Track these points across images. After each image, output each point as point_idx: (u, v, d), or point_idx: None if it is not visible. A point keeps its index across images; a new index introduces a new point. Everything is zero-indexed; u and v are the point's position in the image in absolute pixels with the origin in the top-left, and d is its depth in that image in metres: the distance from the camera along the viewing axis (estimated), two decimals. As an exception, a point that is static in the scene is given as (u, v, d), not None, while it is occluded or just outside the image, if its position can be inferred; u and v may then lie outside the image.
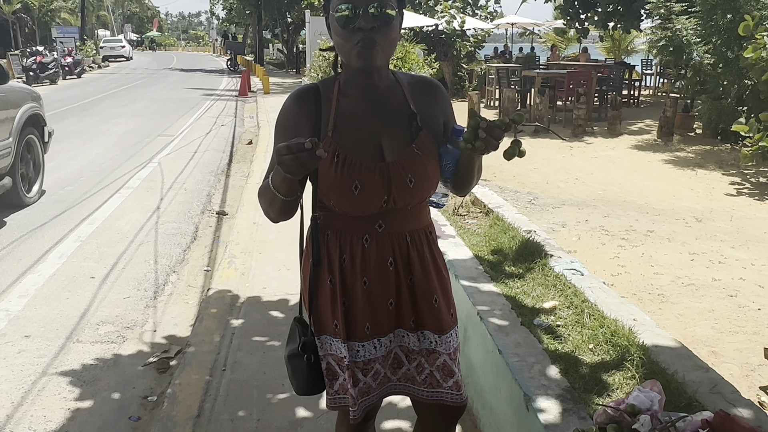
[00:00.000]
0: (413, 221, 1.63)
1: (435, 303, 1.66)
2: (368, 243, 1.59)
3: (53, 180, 7.49)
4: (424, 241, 1.66)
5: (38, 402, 3.02)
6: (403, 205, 1.57)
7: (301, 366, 1.66)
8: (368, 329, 1.63)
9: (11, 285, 4.38)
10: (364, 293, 1.61)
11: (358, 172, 1.52)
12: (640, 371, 2.15)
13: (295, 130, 1.55)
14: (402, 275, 1.62)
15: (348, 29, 1.47)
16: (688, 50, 10.39)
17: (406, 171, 1.54)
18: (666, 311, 4.12)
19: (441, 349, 1.67)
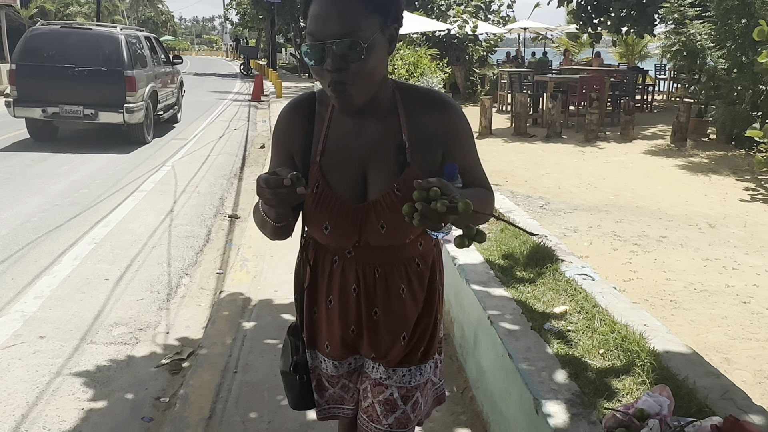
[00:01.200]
0: (388, 255, 1.49)
1: (402, 341, 1.55)
2: (336, 264, 1.52)
3: (68, 183, 7.57)
4: (404, 274, 1.52)
5: (53, 402, 3.05)
6: (378, 245, 1.47)
7: (294, 383, 1.63)
8: (327, 348, 1.60)
9: (27, 286, 4.44)
10: (327, 312, 1.56)
11: (329, 213, 1.43)
12: (650, 377, 2.15)
13: (288, 145, 1.49)
14: (365, 306, 1.52)
15: (318, 68, 1.32)
16: (702, 55, 10.35)
17: (378, 216, 1.41)
18: (678, 317, 4.10)
19: (390, 382, 1.57)
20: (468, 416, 2.82)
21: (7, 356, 3.46)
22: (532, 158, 9.82)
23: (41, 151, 9.65)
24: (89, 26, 11.25)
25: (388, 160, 1.42)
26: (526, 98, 12.62)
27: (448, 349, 3.42)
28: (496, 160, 9.48)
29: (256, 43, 44.81)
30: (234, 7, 40.39)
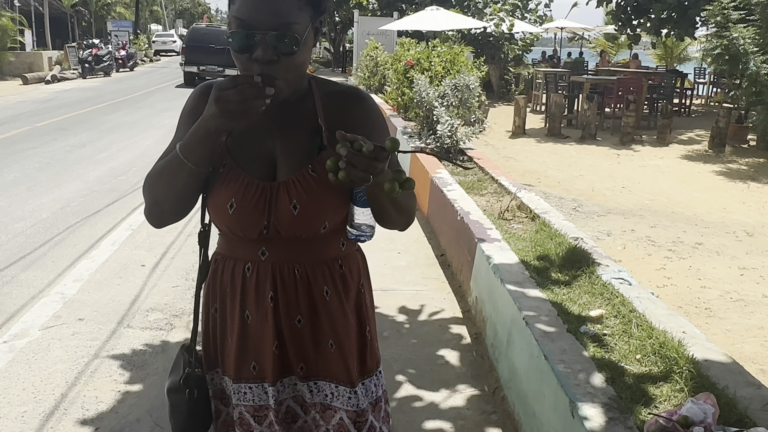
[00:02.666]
0: (306, 251, 1.38)
1: (331, 348, 1.41)
2: (249, 272, 1.38)
3: (106, 169, 7.72)
4: (327, 276, 1.40)
5: (91, 383, 3.13)
6: (289, 234, 1.34)
7: (181, 402, 1.43)
8: (255, 369, 1.41)
9: (66, 269, 4.54)
10: (246, 329, 1.40)
11: (236, 189, 1.32)
12: (689, 384, 2.13)
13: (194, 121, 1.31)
14: (284, 315, 1.38)
15: (243, 56, 1.23)
16: (744, 59, 10.11)
17: (291, 196, 1.31)
18: (713, 326, 4.04)
19: (337, 404, 1.42)
20: (499, 416, 2.81)
21: (47, 336, 3.56)
22: (565, 159, 9.72)
23: (81, 137, 9.87)
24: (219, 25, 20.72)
25: (302, 141, 1.35)
26: (562, 99, 12.50)
27: (479, 348, 3.42)
28: (529, 161, 9.41)
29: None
30: None
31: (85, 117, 12.24)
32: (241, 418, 1.44)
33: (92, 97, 15.81)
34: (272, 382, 1.41)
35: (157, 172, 1.34)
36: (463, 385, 3.07)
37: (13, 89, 17.70)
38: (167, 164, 1.31)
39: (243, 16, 1.21)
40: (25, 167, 7.68)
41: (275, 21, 1.21)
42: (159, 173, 1.33)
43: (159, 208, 1.38)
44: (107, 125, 11.27)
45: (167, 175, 1.31)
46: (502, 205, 4.78)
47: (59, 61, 22.51)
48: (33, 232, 5.31)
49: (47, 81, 19.83)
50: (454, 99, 7.61)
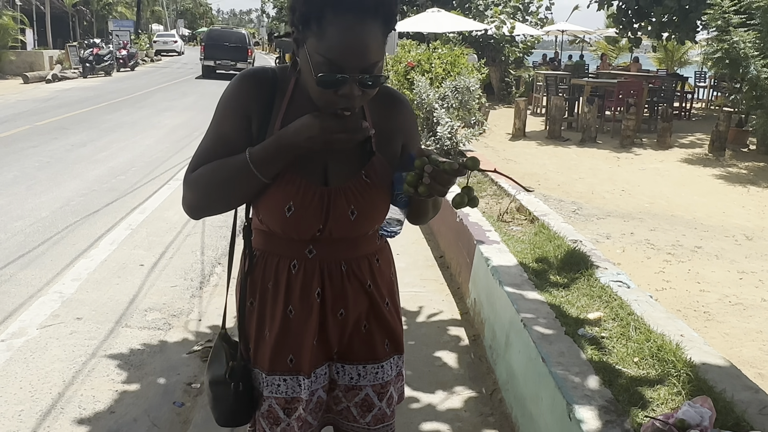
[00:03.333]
0: (352, 249, 1.45)
1: (363, 329, 1.50)
2: (295, 269, 1.42)
3: (106, 169, 7.72)
4: (366, 270, 1.48)
5: (88, 382, 3.13)
6: (341, 236, 1.40)
7: (226, 394, 1.47)
8: (291, 362, 1.44)
9: (65, 268, 4.54)
10: (288, 323, 1.43)
11: (296, 193, 1.34)
12: (686, 387, 2.13)
13: (248, 110, 1.37)
14: (330, 308, 1.45)
15: (329, 92, 1.24)
16: (745, 63, 10.11)
17: (349, 201, 1.37)
18: (712, 330, 4.03)
19: (363, 383, 1.51)
20: (496, 418, 2.81)
21: (45, 335, 3.55)
22: (565, 162, 9.72)
23: (81, 136, 9.87)
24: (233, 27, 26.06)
25: (352, 147, 1.36)
26: (562, 101, 12.50)
27: (477, 350, 3.42)
28: (529, 163, 9.41)
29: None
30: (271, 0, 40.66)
31: (85, 116, 12.24)
32: (270, 410, 1.46)
33: (93, 97, 15.81)
34: (308, 374, 1.45)
35: (217, 176, 1.34)
36: (461, 387, 3.07)
37: (13, 88, 17.70)
38: (231, 170, 1.33)
39: (333, 57, 1.21)
40: (24, 166, 7.68)
41: (365, 62, 1.22)
42: (219, 177, 1.34)
43: (209, 205, 1.40)
44: (107, 125, 11.27)
45: (230, 180, 1.33)
46: (501, 207, 4.78)
47: (60, 61, 22.52)
48: (32, 230, 5.31)
49: (48, 80, 19.84)
50: (455, 101, 7.61)
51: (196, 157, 1.40)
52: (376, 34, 1.23)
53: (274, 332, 1.44)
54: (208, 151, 1.38)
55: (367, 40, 1.21)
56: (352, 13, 1.20)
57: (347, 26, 1.20)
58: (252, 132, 1.37)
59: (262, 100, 1.37)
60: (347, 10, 1.20)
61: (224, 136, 1.37)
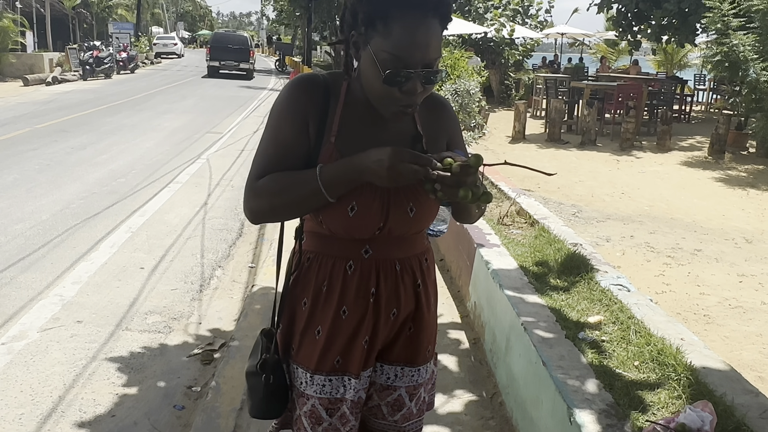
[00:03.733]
0: (405, 248, 1.50)
1: (408, 331, 1.55)
2: (351, 270, 1.45)
3: (106, 172, 7.73)
4: (417, 269, 1.53)
5: (88, 385, 3.13)
6: (399, 234, 1.45)
7: (258, 385, 1.50)
8: (338, 363, 1.48)
9: (65, 271, 4.54)
10: (340, 323, 1.46)
11: (358, 193, 1.38)
12: (687, 391, 2.13)
13: (305, 115, 1.40)
14: (384, 308, 1.48)
15: (393, 89, 1.30)
16: (744, 66, 10.13)
17: (408, 199, 1.42)
18: (712, 333, 4.04)
19: (399, 383, 1.57)
20: (497, 421, 2.81)
21: (46, 338, 3.55)
22: (565, 165, 9.73)
23: (81, 139, 9.88)
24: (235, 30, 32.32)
25: (403, 145, 1.41)
26: (562, 104, 12.52)
27: (477, 354, 3.42)
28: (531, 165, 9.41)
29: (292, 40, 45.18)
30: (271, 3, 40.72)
31: (85, 119, 12.25)
32: (313, 410, 1.49)
33: (93, 99, 15.82)
34: (356, 374, 1.48)
35: (285, 191, 1.38)
36: (462, 391, 3.07)
37: (13, 90, 17.70)
38: (299, 187, 1.36)
39: (400, 54, 1.27)
40: (24, 169, 7.68)
41: (431, 59, 1.29)
42: (287, 192, 1.38)
43: (274, 215, 1.43)
44: (107, 127, 11.27)
45: (298, 197, 1.37)
46: (501, 210, 4.78)
47: (60, 63, 22.52)
48: (32, 233, 5.31)
49: (48, 83, 19.84)
50: (455, 104, 7.62)
51: (257, 164, 1.42)
52: (436, 31, 1.29)
53: (324, 333, 1.47)
54: (269, 157, 1.41)
55: (430, 36, 1.28)
56: (416, 11, 1.27)
57: (412, 24, 1.26)
58: (310, 136, 1.41)
59: (317, 104, 1.41)
60: (412, 8, 1.26)
61: (284, 141, 1.41)
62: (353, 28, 1.34)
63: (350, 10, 1.33)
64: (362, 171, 1.31)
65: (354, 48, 1.36)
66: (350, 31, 1.35)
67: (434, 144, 1.49)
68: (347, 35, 1.36)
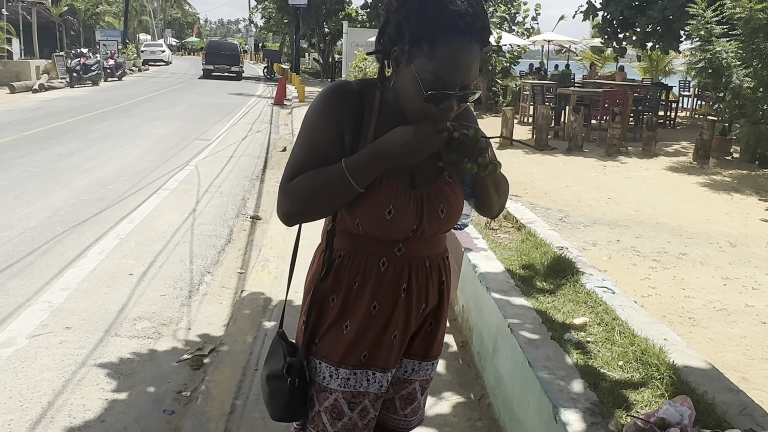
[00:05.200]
0: (433, 245, 1.57)
1: (428, 327, 1.62)
2: (385, 266, 1.50)
3: (94, 179, 7.71)
4: (443, 266, 1.61)
5: (78, 391, 3.13)
6: (431, 233, 1.52)
7: (282, 389, 1.52)
8: (365, 357, 1.51)
9: (54, 278, 4.54)
10: (370, 318, 1.50)
11: (394, 197, 1.44)
12: (669, 390, 2.17)
13: (342, 122, 1.44)
14: (414, 303, 1.54)
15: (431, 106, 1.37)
16: (727, 73, 10.27)
17: (439, 201, 1.49)
18: (696, 335, 4.09)
19: (415, 377, 1.64)
20: (485, 423, 2.85)
21: (34, 345, 3.55)
22: (552, 171, 9.81)
23: (68, 146, 9.84)
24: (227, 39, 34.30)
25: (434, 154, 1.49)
26: (549, 110, 12.62)
27: (465, 356, 3.46)
28: (516, 172, 9.48)
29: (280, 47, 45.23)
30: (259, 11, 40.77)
31: (73, 126, 12.21)
32: (335, 404, 1.52)
33: (80, 107, 15.76)
34: (383, 368, 1.53)
35: (314, 185, 1.42)
36: (450, 393, 3.10)
37: (0, 98, 17.61)
38: (327, 180, 1.41)
39: (444, 76, 1.34)
40: (12, 176, 7.65)
41: (468, 80, 1.37)
42: (316, 187, 1.42)
43: (306, 213, 1.47)
44: (95, 134, 11.24)
45: (327, 190, 1.41)
46: (489, 215, 4.83)
47: (47, 70, 22.42)
48: (20, 240, 5.30)
49: (35, 90, 19.74)
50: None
51: (290, 168, 1.46)
52: (477, 55, 1.37)
53: (354, 327, 1.51)
54: (304, 162, 1.45)
55: (472, 60, 1.35)
56: (461, 36, 1.33)
57: (457, 48, 1.33)
58: (345, 143, 1.45)
59: (352, 112, 1.46)
60: (458, 33, 1.33)
61: (319, 147, 1.45)
62: (396, 43, 1.38)
63: (395, 26, 1.38)
64: (387, 154, 1.37)
65: (394, 63, 1.41)
66: (392, 45, 1.40)
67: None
68: (388, 49, 1.42)
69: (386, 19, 1.41)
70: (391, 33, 1.39)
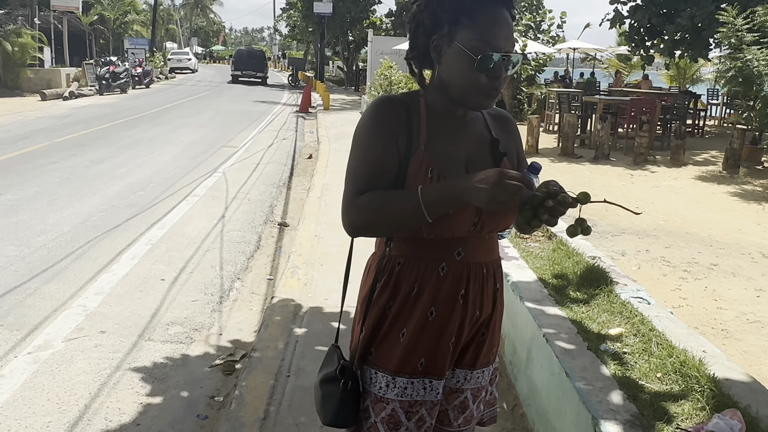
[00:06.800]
0: (489, 251, 1.57)
1: (481, 337, 1.60)
2: (444, 272, 1.50)
3: (125, 185, 7.83)
4: (498, 273, 1.61)
5: (113, 395, 3.17)
6: (490, 230, 1.52)
7: (335, 392, 1.54)
8: (422, 365, 1.51)
9: (88, 282, 4.61)
10: (426, 325, 1.50)
11: None
12: (711, 402, 2.14)
13: (395, 132, 1.48)
14: (470, 310, 1.54)
15: (484, 74, 1.42)
16: (758, 81, 10.12)
17: None
18: (730, 347, 4.03)
19: (466, 386, 1.63)
20: (518, 433, 2.83)
21: (71, 348, 3.61)
22: (578, 179, 9.74)
23: (99, 153, 10.01)
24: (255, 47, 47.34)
25: (484, 152, 1.56)
26: (575, 118, 12.54)
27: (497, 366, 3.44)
28: (542, 180, 9.43)
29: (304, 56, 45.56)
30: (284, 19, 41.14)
31: (103, 133, 12.42)
32: (392, 414, 1.51)
33: (109, 114, 16.03)
34: (439, 376, 1.53)
35: (387, 209, 1.44)
36: (482, 402, 3.08)
37: (32, 105, 17.97)
38: (401, 207, 1.42)
39: (489, 39, 1.41)
40: (45, 182, 7.80)
41: (510, 44, 1.44)
42: (389, 211, 1.44)
43: (373, 231, 1.50)
44: (125, 141, 11.42)
45: (399, 215, 1.43)
46: (519, 223, 4.81)
47: (77, 78, 22.85)
48: (54, 245, 5.40)
49: (65, 97, 20.12)
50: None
51: (354, 182, 1.49)
52: (510, 23, 1.45)
53: (409, 334, 1.51)
54: (366, 174, 1.48)
55: (509, 25, 1.44)
56: (495, 4, 1.43)
57: (495, 15, 1.43)
58: (399, 149, 1.49)
59: (401, 120, 1.50)
60: (492, 3, 1.43)
61: (377, 159, 1.48)
62: (433, 32, 1.46)
63: (429, 17, 1.46)
64: (464, 190, 1.35)
65: (436, 52, 1.47)
66: (430, 37, 1.47)
67: (508, 151, 1.61)
68: (424, 45, 1.49)
69: (418, 20, 1.49)
70: (427, 25, 1.46)
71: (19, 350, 3.57)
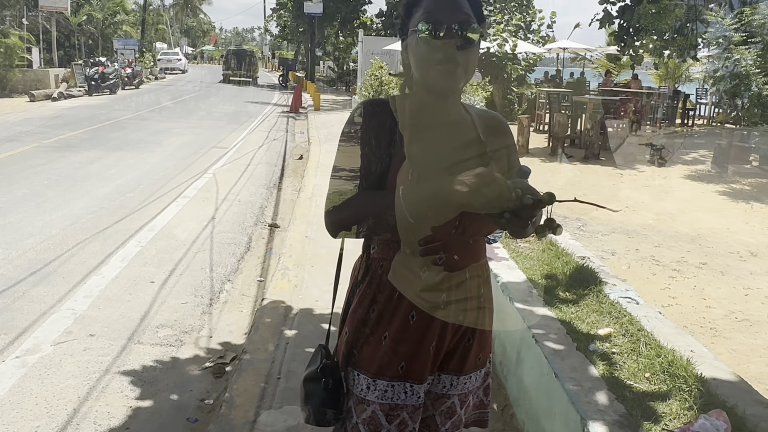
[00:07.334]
0: (473, 256, 1.54)
1: (467, 342, 1.58)
2: (424, 275, 1.49)
3: (114, 186, 7.79)
4: (483, 278, 1.58)
5: (102, 398, 3.16)
6: (472, 233, 1.49)
7: (316, 391, 1.54)
8: (402, 368, 1.51)
9: (77, 285, 4.58)
10: (407, 329, 1.50)
11: None
12: (698, 402, 2.16)
13: (375, 138, 1.49)
14: (452, 316, 1.52)
15: (430, 46, 1.42)
16: (746, 81, 10.20)
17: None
18: (719, 346, 4.05)
19: (453, 392, 1.61)
20: (508, 433, 2.84)
21: (59, 352, 3.59)
22: (568, 179, 9.78)
23: (88, 154, 9.95)
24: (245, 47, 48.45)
25: (471, 155, 1.53)
26: (565, 118, 12.58)
27: (487, 366, 3.45)
28: (532, 180, 9.42)
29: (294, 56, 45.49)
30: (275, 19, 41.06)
31: (92, 134, 12.35)
32: (372, 417, 1.52)
33: (98, 115, 15.94)
34: (420, 380, 1.53)
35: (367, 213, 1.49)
36: (472, 403, 3.09)
37: (20, 106, 17.85)
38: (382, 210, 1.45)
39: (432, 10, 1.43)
40: (33, 184, 7.75)
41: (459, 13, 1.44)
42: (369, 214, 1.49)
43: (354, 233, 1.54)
44: (114, 142, 11.36)
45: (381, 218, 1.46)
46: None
47: (66, 79, 22.71)
48: (43, 248, 5.36)
49: (54, 98, 20.01)
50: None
51: (336, 185, 1.52)
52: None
53: (390, 337, 1.51)
54: (347, 176, 1.51)
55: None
56: None
57: None
58: (381, 149, 1.50)
59: (384, 122, 1.51)
60: None
61: (358, 160, 1.50)
62: (401, 29, 1.52)
63: (400, 25, 1.52)
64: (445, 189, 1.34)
65: (406, 51, 1.51)
66: (402, 34, 1.52)
67: (497, 155, 1.58)
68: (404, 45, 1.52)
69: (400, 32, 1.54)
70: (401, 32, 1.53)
71: (6, 354, 3.54)
